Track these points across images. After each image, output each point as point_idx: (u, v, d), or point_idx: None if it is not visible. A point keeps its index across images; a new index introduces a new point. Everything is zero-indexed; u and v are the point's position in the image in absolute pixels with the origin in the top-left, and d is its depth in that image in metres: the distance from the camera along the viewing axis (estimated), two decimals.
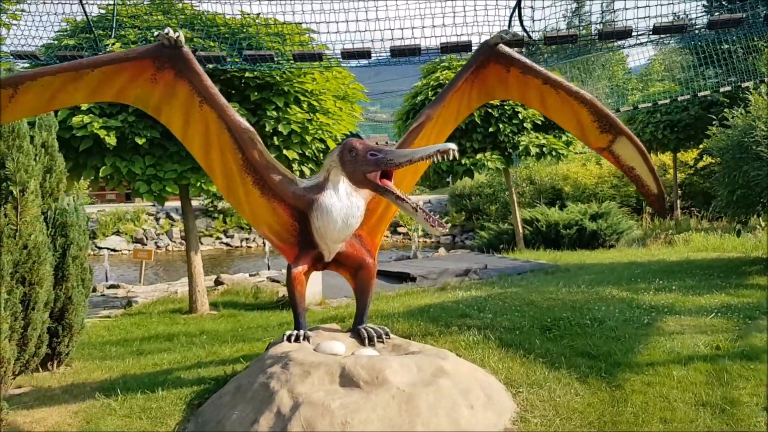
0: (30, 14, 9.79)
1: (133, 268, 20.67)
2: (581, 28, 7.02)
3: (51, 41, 7.94)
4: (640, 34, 6.51)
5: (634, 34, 6.43)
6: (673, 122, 18.73)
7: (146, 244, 26.11)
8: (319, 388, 3.91)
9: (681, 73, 20.59)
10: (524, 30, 6.69)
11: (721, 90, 15.76)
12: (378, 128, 56.17)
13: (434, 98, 4.88)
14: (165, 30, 3.89)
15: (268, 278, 12.31)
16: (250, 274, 13.45)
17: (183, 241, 25.19)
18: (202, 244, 26.21)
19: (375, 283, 5.18)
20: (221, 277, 12.07)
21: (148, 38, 7.53)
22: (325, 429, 3.56)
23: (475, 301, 7.67)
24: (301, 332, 4.77)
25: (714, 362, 4.81)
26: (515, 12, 6.80)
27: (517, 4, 6.63)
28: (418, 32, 6.91)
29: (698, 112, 18.03)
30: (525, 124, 14.55)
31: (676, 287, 7.80)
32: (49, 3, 7.19)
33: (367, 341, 4.79)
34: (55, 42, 7.96)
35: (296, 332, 4.77)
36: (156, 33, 4.05)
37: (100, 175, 7.70)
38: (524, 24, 6.61)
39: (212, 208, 28.35)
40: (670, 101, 16.56)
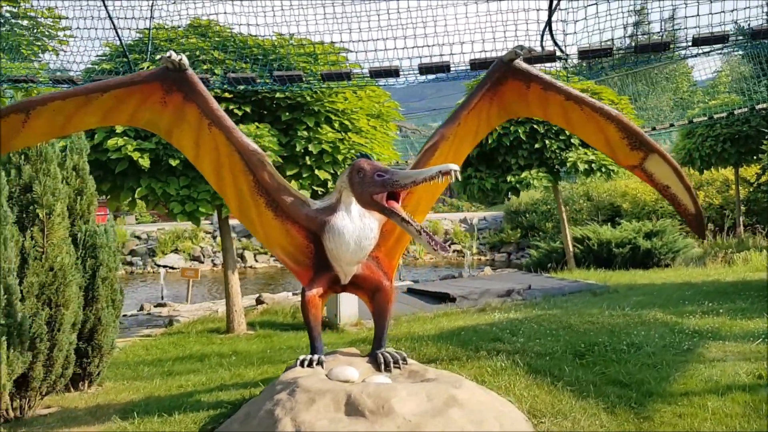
0: (74, 38, 10.14)
1: (182, 284, 20.99)
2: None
3: (90, 66, 8.14)
4: (678, 47, 6.23)
5: (671, 46, 6.16)
6: (733, 135, 17.96)
7: (203, 262, 26.52)
8: (323, 417, 3.78)
9: (741, 84, 19.73)
10: (555, 44, 6.47)
11: None
12: None
13: (448, 117, 4.74)
14: (167, 53, 3.89)
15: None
16: (293, 293, 13.44)
17: (239, 259, 25.60)
18: (257, 261, 26.54)
19: (414, 303, 5.03)
20: (262, 296, 12.10)
21: None
22: None
23: (510, 323, 7.42)
24: (315, 357, 4.67)
25: (754, 392, 4.47)
26: (547, 26, 6.60)
27: (549, 18, 6.44)
28: (448, 49, 6.77)
29: (760, 123, 17.23)
30: (573, 140, 14.18)
31: (725, 310, 7.38)
32: (87, 29, 7.34)
33: (384, 367, 4.64)
34: (95, 66, 8.16)
35: (310, 357, 4.67)
36: (158, 57, 4.05)
37: (136, 196, 7.82)
38: (555, 38, 6.39)
39: None
40: (727, 115, 15.87)
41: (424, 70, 6.65)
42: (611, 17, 6.37)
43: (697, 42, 5.92)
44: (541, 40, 6.76)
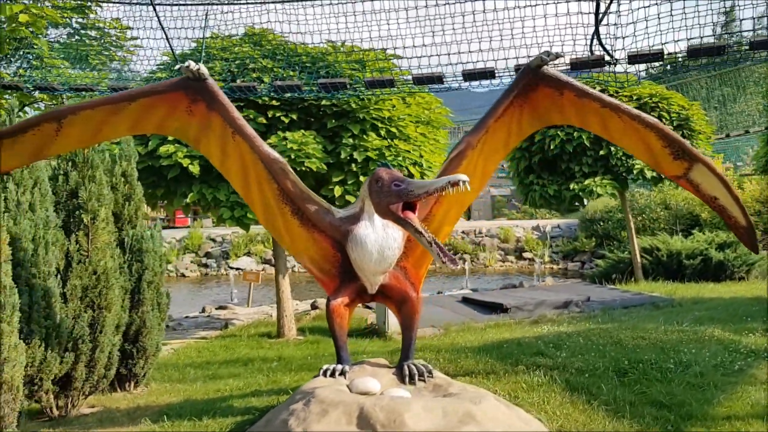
0: (141, 48, 10.50)
1: (259, 288, 21.32)
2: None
3: (148, 75, 8.42)
4: (732, 51, 5.90)
5: (727, 50, 5.83)
6: None
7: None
8: (334, 428, 3.74)
9: None
10: (603, 49, 6.24)
11: None
12: None
13: (474, 125, 4.61)
14: (186, 63, 3.94)
15: (362, 304, 12.26)
16: None
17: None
18: None
19: (466, 313, 4.93)
20: (317, 301, 12.18)
21: (232, 69, 7.79)
22: None
23: (556, 337, 7.18)
24: (339, 367, 4.63)
25: None
26: (596, 31, 6.38)
27: (596, 23, 6.22)
28: (492, 54, 6.64)
29: None
30: None
31: None
32: (147, 38, 7.58)
33: (408, 379, 4.56)
34: (153, 75, 8.43)
35: (333, 367, 4.64)
36: (177, 66, 4.12)
37: (188, 201, 8.02)
38: (603, 42, 6.16)
39: None
40: None
41: (467, 76, 6.52)
42: (689, 16, 6.00)
43: (755, 46, 5.59)
44: (590, 45, 6.54)
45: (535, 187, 14.42)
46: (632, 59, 6.13)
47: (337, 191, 7.98)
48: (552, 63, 4.38)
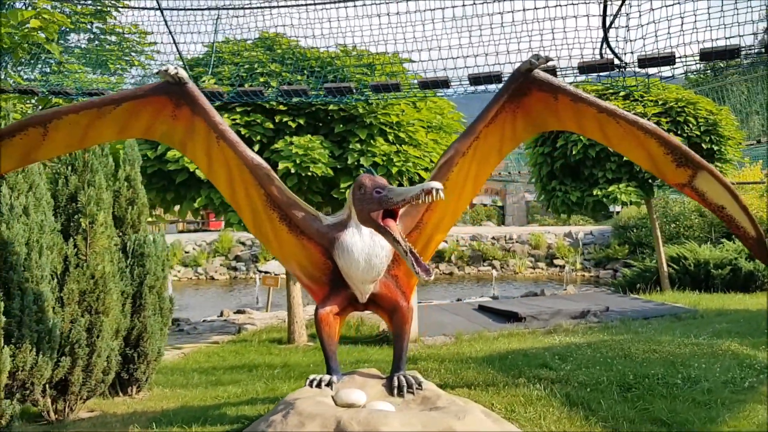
0: (160, 53, 10.56)
1: (281, 293, 21.35)
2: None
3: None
4: (749, 53, 5.67)
5: (742, 53, 5.61)
6: None
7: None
8: None
9: None
10: (612, 52, 6.05)
11: None
12: None
13: (464, 131, 4.48)
14: (164, 67, 3.90)
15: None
16: None
17: None
18: None
19: (481, 322, 4.80)
20: None
21: (241, 74, 7.76)
22: None
23: (565, 348, 6.99)
24: (326, 377, 4.53)
25: None
26: (606, 34, 6.20)
27: (605, 26, 6.04)
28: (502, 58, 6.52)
29: None
30: None
31: None
32: (157, 43, 7.61)
33: (396, 391, 4.44)
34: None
35: (320, 377, 4.54)
36: (156, 71, 4.07)
37: (196, 205, 8.02)
38: (612, 46, 5.98)
39: None
40: None
41: (473, 80, 6.38)
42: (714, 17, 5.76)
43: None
44: (601, 48, 6.37)
45: (557, 193, 14.16)
46: (642, 63, 5.93)
47: (347, 196, 7.89)
48: (543, 66, 4.22)
